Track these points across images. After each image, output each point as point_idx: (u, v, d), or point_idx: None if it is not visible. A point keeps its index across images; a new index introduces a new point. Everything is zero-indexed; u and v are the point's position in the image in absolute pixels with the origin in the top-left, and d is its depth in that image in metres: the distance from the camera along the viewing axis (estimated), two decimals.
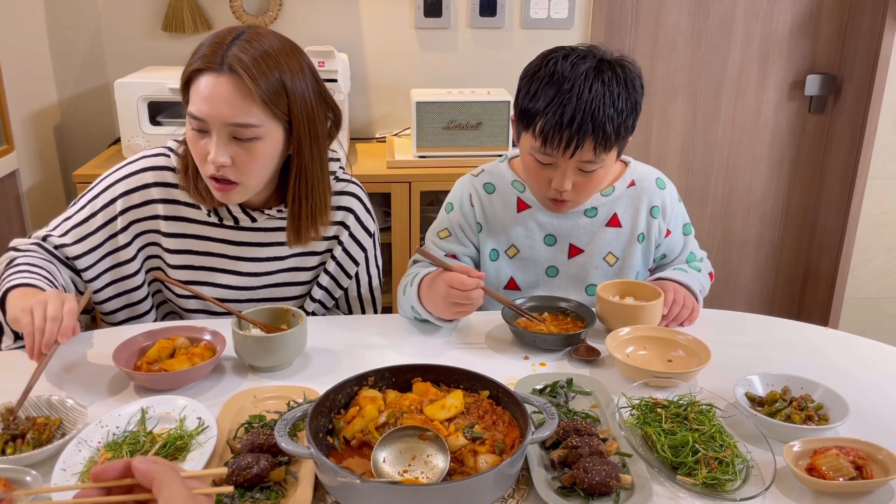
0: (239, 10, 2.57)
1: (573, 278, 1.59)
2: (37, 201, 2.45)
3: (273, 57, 1.29)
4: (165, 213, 1.45)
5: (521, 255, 1.59)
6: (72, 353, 1.33)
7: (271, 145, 1.33)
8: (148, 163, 1.46)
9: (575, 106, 1.34)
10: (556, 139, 1.36)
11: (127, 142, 2.26)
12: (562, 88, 1.36)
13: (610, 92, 1.35)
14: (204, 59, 1.29)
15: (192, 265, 1.48)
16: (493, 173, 1.61)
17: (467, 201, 1.60)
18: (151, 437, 1.06)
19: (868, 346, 1.40)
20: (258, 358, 1.27)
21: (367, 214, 1.56)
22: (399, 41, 2.67)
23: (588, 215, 1.56)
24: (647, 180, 1.59)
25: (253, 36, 1.31)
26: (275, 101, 1.29)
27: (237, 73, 1.27)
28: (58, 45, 2.58)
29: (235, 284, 1.50)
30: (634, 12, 2.76)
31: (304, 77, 1.33)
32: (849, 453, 1.00)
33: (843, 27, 2.82)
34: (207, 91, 1.28)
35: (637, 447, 1.04)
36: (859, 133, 2.84)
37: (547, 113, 1.36)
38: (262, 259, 1.50)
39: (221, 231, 1.47)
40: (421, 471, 0.97)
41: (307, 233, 1.44)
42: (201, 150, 1.32)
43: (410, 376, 1.12)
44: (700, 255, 1.68)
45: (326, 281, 1.54)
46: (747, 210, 3.04)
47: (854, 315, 3.08)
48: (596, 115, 1.34)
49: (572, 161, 1.39)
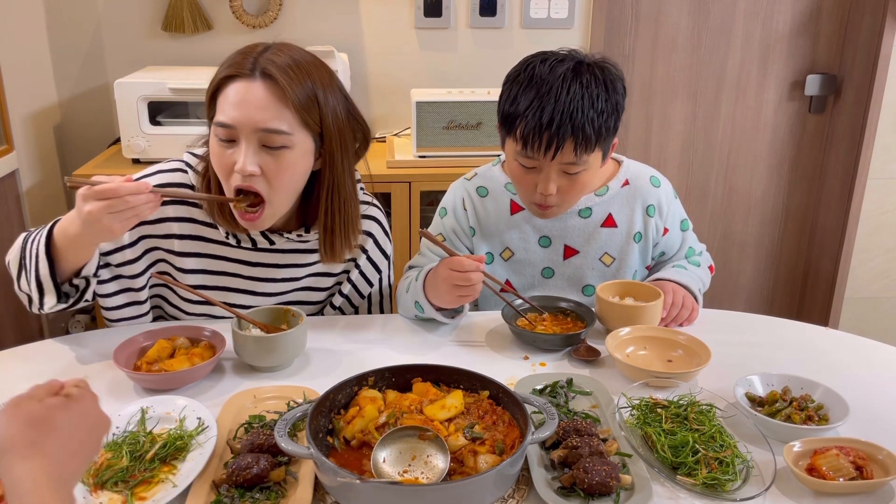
0: (239, 10, 2.57)
1: (569, 279, 1.59)
2: (37, 201, 2.45)
3: (305, 67, 1.28)
4: (181, 232, 1.41)
5: (516, 257, 1.59)
6: (72, 353, 1.33)
7: (300, 156, 1.30)
8: (164, 178, 1.40)
9: (553, 108, 1.34)
10: (537, 141, 1.36)
11: (127, 142, 2.26)
12: (540, 91, 1.36)
13: (589, 93, 1.35)
14: (235, 66, 1.27)
15: (205, 285, 1.44)
16: (487, 177, 1.61)
17: (460, 206, 1.60)
18: (151, 437, 1.06)
19: (868, 346, 1.40)
20: (258, 358, 1.27)
21: (384, 237, 1.55)
22: (399, 41, 2.67)
23: (582, 216, 1.56)
24: (641, 179, 1.59)
25: (283, 47, 1.30)
26: (307, 109, 1.27)
27: (271, 77, 1.24)
28: (58, 45, 2.58)
29: (249, 304, 1.46)
30: (634, 12, 2.76)
31: (334, 92, 1.32)
32: (849, 453, 1.00)
33: (843, 27, 2.82)
34: (239, 97, 1.25)
35: (637, 447, 1.04)
36: (859, 133, 2.84)
37: (527, 115, 1.36)
38: (279, 280, 1.47)
39: (238, 252, 1.44)
40: (421, 471, 0.97)
41: (341, 249, 1.41)
42: (227, 162, 1.28)
43: (410, 376, 1.12)
44: (699, 249, 1.68)
45: (340, 301, 1.53)
46: (747, 210, 3.04)
47: (854, 315, 3.08)
48: (575, 116, 1.34)
49: (554, 163, 1.39)
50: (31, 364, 1.29)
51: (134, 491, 0.95)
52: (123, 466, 0.98)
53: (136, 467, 0.99)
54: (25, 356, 1.32)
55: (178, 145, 1.72)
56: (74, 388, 0.83)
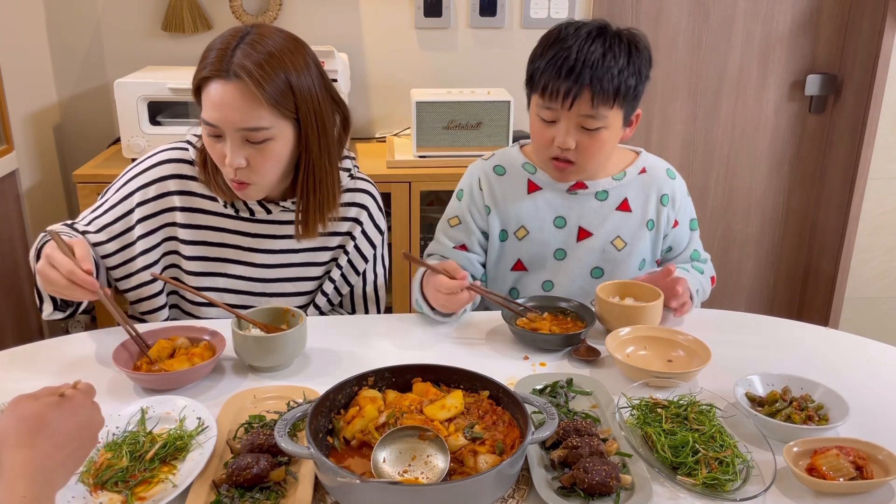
0: (239, 10, 2.57)
1: (580, 261, 1.60)
2: (37, 201, 2.45)
3: (277, 57, 1.31)
4: (182, 205, 1.48)
5: (531, 236, 1.60)
6: (72, 353, 1.33)
7: (283, 144, 1.36)
8: (166, 156, 1.48)
9: (574, 59, 1.39)
10: (555, 90, 1.40)
11: (127, 142, 2.26)
12: (563, 46, 1.41)
13: (612, 52, 1.40)
14: (211, 66, 1.32)
15: (206, 256, 1.50)
16: (504, 156, 1.64)
17: (476, 186, 1.62)
18: (151, 437, 1.06)
19: (868, 346, 1.40)
20: (258, 358, 1.27)
21: (379, 213, 1.58)
22: (399, 41, 2.67)
23: (599, 198, 1.58)
24: (658, 169, 1.62)
25: (256, 38, 1.33)
26: (282, 102, 1.32)
27: (243, 80, 1.29)
28: (58, 45, 2.58)
29: (249, 276, 1.52)
30: (634, 12, 2.76)
31: (309, 72, 1.36)
32: (849, 453, 1.00)
33: (843, 27, 2.82)
34: (217, 98, 1.31)
35: (637, 447, 1.04)
36: (859, 133, 2.84)
37: (548, 68, 1.41)
38: (276, 251, 1.52)
39: (237, 223, 1.49)
40: (421, 471, 0.97)
41: (315, 225, 1.46)
42: (218, 153, 1.36)
43: (410, 376, 1.12)
44: (704, 257, 1.69)
45: (337, 276, 1.56)
46: (747, 210, 3.04)
47: (854, 315, 3.08)
48: (595, 67, 1.38)
49: (572, 115, 1.42)
50: (31, 364, 1.29)
51: (134, 491, 0.96)
52: (123, 466, 0.99)
53: (136, 467, 0.99)
54: (25, 356, 1.32)
55: None
56: (70, 390, 0.92)
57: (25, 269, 2.33)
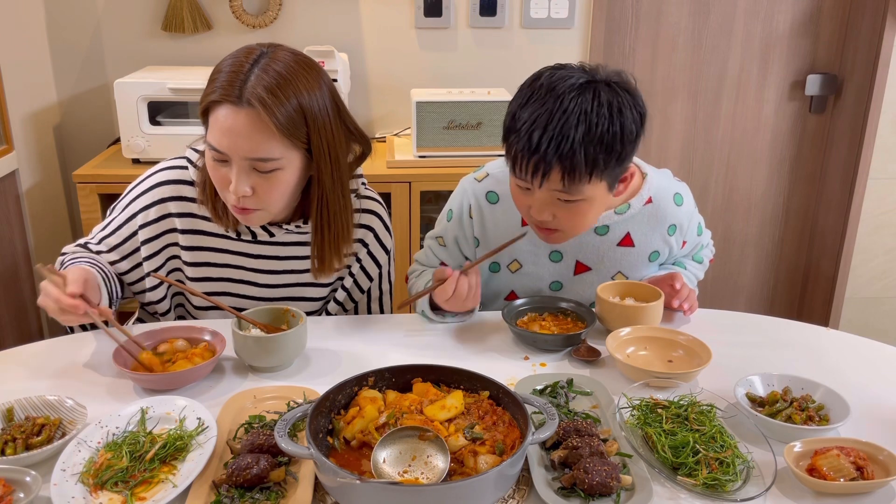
0: (239, 10, 2.56)
1: (577, 295, 1.53)
2: (36, 201, 2.45)
3: (291, 81, 1.26)
4: (182, 227, 1.45)
5: (524, 269, 1.54)
6: (72, 353, 1.33)
7: (291, 172, 1.32)
8: (165, 176, 1.45)
9: (544, 131, 1.23)
10: (523, 167, 1.27)
11: (127, 142, 2.26)
12: (537, 109, 1.25)
13: (587, 118, 1.23)
14: (222, 89, 1.25)
15: (209, 277, 1.48)
16: (498, 180, 1.51)
17: (466, 213, 1.53)
18: (151, 437, 1.05)
19: (868, 346, 1.40)
20: (258, 358, 1.27)
21: (385, 232, 1.55)
22: (399, 41, 2.67)
23: (599, 233, 1.49)
24: (665, 200, 1.50)
25: (270, 62, 1.27)
26: (294, 131, 1.27)
27: (255, 108, 1.23)
28: (58, 45, 2.58)
29: (253, 295, 1.50)
30: (634, 12, 2.76)
31: (323, 100, 1.30)
32: (849, 454, 1.00)
33: (843, 27, 2.82)
34: (227, 125, 1.25)
35: (637, 448, 1.04)
36: (859, 133, 2.84)
37: (520, 133, 1.27)
38: (279, 272, 1.49)
39: (239, 244, 1.47)
40: (421, 471, 0.96)
41: (331, 261, 1.43)
42: (222, 178, 1.31)
43: (410, 377, 1.12)
44: (706, 241, 1.68)
45: (342, 296, 1.55)
46: (747, 210, 3.04)
47: (854, 315, 3.08)
48: (563, 144, 1.22)
49: (544, 190, 1.29)
50: (32, 364, 1.29)
51: (134, 491, 0.95)
52: (123, 467, 0.98)
53: (135, 467, 0.99)
54: (25, 356, 1.32)
55: (178, 145, 1.72)
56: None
57: (25, 269, 2.33)
